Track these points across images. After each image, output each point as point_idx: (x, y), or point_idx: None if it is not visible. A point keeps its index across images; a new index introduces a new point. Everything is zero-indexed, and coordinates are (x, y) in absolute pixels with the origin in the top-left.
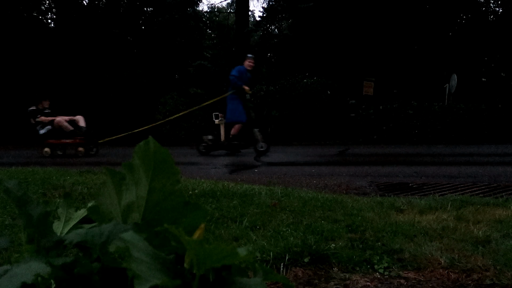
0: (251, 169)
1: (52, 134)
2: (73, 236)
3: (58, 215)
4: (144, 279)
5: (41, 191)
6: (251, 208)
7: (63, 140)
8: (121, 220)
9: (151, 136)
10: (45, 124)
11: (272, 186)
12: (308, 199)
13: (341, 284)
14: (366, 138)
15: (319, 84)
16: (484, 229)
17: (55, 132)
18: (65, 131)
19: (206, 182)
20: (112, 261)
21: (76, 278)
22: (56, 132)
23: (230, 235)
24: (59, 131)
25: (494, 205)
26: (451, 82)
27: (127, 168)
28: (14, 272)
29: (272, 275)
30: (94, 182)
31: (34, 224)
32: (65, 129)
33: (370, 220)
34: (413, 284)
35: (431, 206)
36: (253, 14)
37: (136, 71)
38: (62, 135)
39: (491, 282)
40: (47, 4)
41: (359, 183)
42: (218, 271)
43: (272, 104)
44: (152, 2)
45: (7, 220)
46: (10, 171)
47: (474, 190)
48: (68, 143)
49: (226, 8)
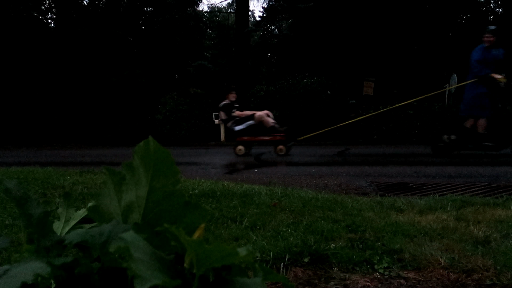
0: (251, 169)
1: (249, 130)
2: (73, 236)
3: (58, 215)
4: (144, 279)
5: (41, 191)
6: (251, 208)
7: (260, 137)
8: (121, 220)
9: (151, 136)
10: (243, 119)
11: (272, 186)
12: (308, 199)
13: (341, 284)
14: (366, 138)
15: (319, 84)
16: (484, 229)
17: (253, 129)
18: (265, 127)
19: (206, 182)
20: (112, 261)
21: (76, 278)
22: (254, 129)
23: (230, 235)
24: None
25: (494, 205)
26: (451, 82)
27: (127, 168)
28: (14, 272)
29: (272, 275)
30: (94, 182)
31: (34, 224)
32: (265, 125)
33: (370, 220)
34: (413, 284)
35: (431, 206)
36: (253, 14)
37: (136, 71)
38: (259, 131)
39: (491, 282)
40: (47, 4)
41: (359, 183)
42: (218, 271)
43: (272, 104)
44: (152, 2)
45: (7, 220)
46: (10, 171)
47: (474, 190)
48: (265, 141)
49: (226, 8)
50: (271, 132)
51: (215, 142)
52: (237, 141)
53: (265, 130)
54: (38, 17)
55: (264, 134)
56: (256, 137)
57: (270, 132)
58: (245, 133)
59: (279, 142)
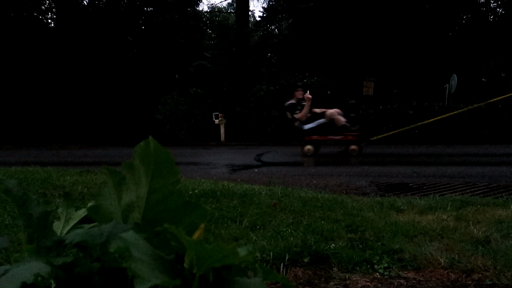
0: (251, 169)
1: (318, 129)
2: (73, 236)
3: (58, 215)
4: (144, 279)
5: (41, 191)
6: (251, 208)
7: (330, 136)
8: (121, 220)
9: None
10: (313, 117)
11: (272, 186)
12: (308, 199)
13: (341, 284)
14: None
15: (319, 84)
16: (484, 229)
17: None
18: (336, 126)
19: (206, 182)
20: (112, 261)
21: (76, 278)
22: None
23: (230, 235)
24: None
25: (494, 205)
26: (451, 82)
27: (127, 168)
28: (14, 272)
29: (272, 275)
30: (94, 182)
31: (34, 224)
32: (337, 124)
33: (370, 220)
34: (413, 284)
35: (431, 206)
36: (253, 14)
37: (136, 71)
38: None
39: (491, 282)
40: (47, 4)
41: (359, 183)
42: (218, 271)
43: (272, 104)
44: (152, 2)
45: (7, 220)
46: (10, 171)
47: (474, 190)
48: (336, 140)
49: (226, 8)
50: (342, 131)
51: (215, 142)
52: (305, 141)
53: (335, 129)
54: (38, 17)
55: (335, 133)
56: (327, 136)
57: (341, 132)
58: (314, 132)
59: (351, 142)
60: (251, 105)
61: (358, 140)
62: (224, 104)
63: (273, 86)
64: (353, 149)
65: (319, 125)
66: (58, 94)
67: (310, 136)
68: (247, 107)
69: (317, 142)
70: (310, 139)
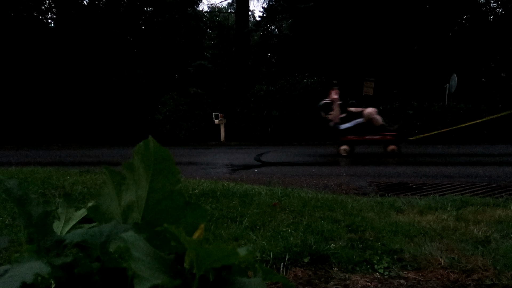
0: (251, 169)
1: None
2: (73, 236)
3: (58, 215)
4: (144, 279)
5: (41, 191)
6: (251, 208)
7: (368, 136)
8: (121, 220)
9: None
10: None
11: (272, 186)
12: (308, 199)
13: (341, 284)
14: None
15: (319, 84)
16: (484, 229)
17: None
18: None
19: (206, 182)
20: (112, 261)
21: (76, 278)
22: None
23: (230, 235)
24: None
25: (494, 205)
26: (451, 82)
27: (127, 168)
28: (14, 272)
29: (272, 275)
30: (94, 182)
31: (34, 224)
32: (375, 123)
33: (370, 220)
34: (413, 284)
35: (431, 206)
36: (253, 14)
37: (136, 71)
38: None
39: (491, 282)
40: (47, 4)
41: (359, 183)
42: (218, 271)
43: (272, 104)
44: (152, 2)
45: (7, 220)
46: (10, 171)
47: (474, 190)
48: (374, 140)
49: (226, 8)
50: (380, 131)
51: (215, 142)
52: (341, 141)
53: (373, 129)
54: (38, 17)
55: (373, 133)
56: (364, 136)
57: (380, 131)
58: (350, 132)
59: (389, 142)
60: (251, 105)
61: (396, 140)
62: (224, 104)
63: (273, 86)
64: (392, 149)
65: (357, 125)
66: (58, 94)
67: (346, 136)
68: (247, 107)
69: (354, 142)
70: (346, 139)
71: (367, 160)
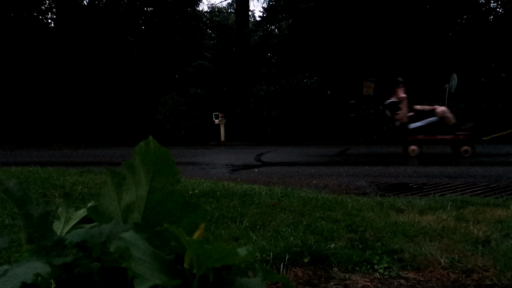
0: (251, 169)
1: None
2: (73, 236)
3: (58, 215)
4: (144, 279)
5: (41, 191)
6: (251, 208)
7: (440, 136)
8: (121, 220)
9: (151, 136)
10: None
11: (272, 186)
12: (308, 199)
13: (341, 284)
14: (366, 138)
15: (319, 84)
16: (484, 229)
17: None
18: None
19: (206, 182)
20: (112, 261)
21: (76, 278)
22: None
23: (230, 235)
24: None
25: (494, 205)
26: (451, 82)
27: (127, 168)
28: (14, 272)
29: (272, 275)
30: (94, 182)
31: (34, 224)
32: (448, 122)
33: (370, 220)
34: (413, 284)
35: (431, 206)
36: (253, 14)
37: (136, 71)
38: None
39: (491, 282)
40: (47, 4)
41: (359, 183)
42: (218, 271)
43: (272, 104)
44: (152, 2)
45: (7, 220)
46: (10, 171)
47: (474, 190)
48: (446, 140)
49: (226, 8)
50: (453, 130)
51: (215, 142)
52: (409, 141)
53: (446, 128)
54: (38, 17)
55: (444, 133)
56: (435, 136)
57: (452, 131)
58: (420, 131)
59: (462, 142)
60: (251, 105)
61: (470, 140)
62: (224, 104)
63: (273, 86)
64: (466, 149)
65: (429, 124)
66: (58, 94)
67: (415, 136)
68: (247, 107)
69: (423, 142)
70: (414, 138)
71: (367, 160)
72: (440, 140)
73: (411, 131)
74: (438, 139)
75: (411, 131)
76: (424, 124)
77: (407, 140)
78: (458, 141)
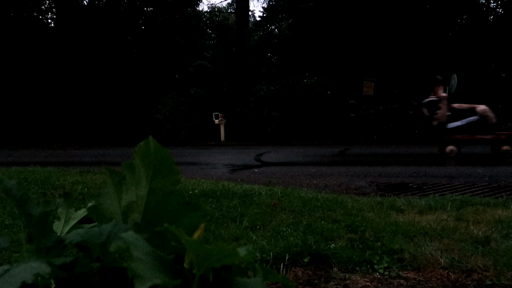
0: (251, 169)
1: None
2: (73, 236)
3: (58, 215)
4: (144, 279)
5: (41, 191)
6: (251, 208)
7: (479, 135)
8: (121, 220)
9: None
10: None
11: (272, 186)
12: (308, 199)
13: (341, 284)
14: (366, 138)
15: (319, 84)
16: (484, 229)
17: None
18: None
19: (206, 182)
20: (112, 261)
21: (76, 278)
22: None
23: (230, 235)
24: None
25: (494, 205)
26: (451, 82)
27: (127, 168)
28: (14, 272)
29: (272, 275)
30: (94, 182)
31: (34, 224)
32: (489, 121)
33: (370, 220)
34: (413, 284)
35: (431, 206)
36: (253, 14)
37: (136, 71)
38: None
39: (491, 282)
40: (47, 4)
41: (359, 183)
42: (218, 271)
43: (272, 104)
44: (152, 2)
45: (7, 220)
46: (10, 171)
47: (474, 190)
48: (485, 140)
49: (226, 8)
50: (494, 130)
51: (215, 142)
52: (446, 140)
53: (486, 128)
54: (38, 17)
55: (484, 132)
56: (474, 135)
57: (493, 130)
58: (460, 131)
59: (503, 141)
60: (251, 105)
61: (511, 139)
62: (224, 104)
63: (273, 86)
64: (506, 149)
65: (469, 123)
66: (58, 94)
67: (453, 136)
68: (247, 107)
69: (462, 142)
70: (453, 138)
71: (367, 160)
72: (480, 140)
73: (450, 131)
74: (478, 139)
75: (449, 130)
76: (464, 124)
77: (445, 140)
78: (499, 141)
